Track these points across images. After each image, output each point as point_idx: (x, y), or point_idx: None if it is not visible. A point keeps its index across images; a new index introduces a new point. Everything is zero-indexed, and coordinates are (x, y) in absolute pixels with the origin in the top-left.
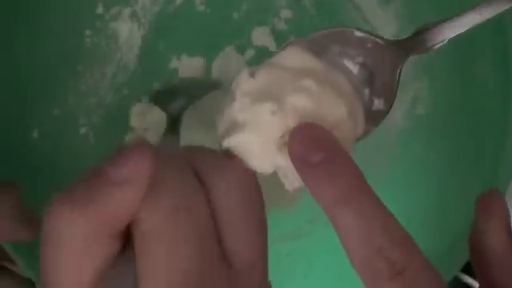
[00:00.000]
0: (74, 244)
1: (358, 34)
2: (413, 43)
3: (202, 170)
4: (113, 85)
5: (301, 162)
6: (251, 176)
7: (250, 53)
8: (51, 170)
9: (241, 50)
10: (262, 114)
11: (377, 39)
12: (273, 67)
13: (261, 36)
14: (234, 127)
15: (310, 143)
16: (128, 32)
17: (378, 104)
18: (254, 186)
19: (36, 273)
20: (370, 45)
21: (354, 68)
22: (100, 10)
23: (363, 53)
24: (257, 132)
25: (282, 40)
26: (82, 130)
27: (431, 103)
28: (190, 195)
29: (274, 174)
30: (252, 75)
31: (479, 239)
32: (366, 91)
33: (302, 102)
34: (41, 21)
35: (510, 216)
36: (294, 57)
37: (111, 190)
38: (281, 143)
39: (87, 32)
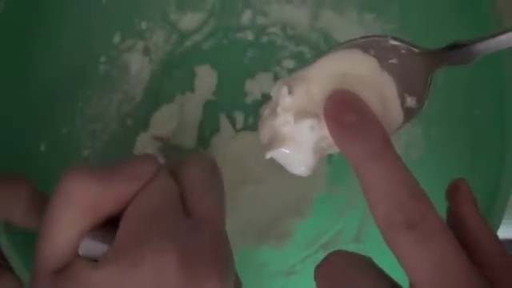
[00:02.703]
0: (81, 204)
1: (392, 42)
2: (446, 55)
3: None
4: (118, 113)
5: (334, 123)
6: (209, 164)
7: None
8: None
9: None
10: (303, 129)
11: (411, 47)
12: (309, 80)
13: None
14: (276, 139)
15: (343, 106)
16: (139, 65)
17: (411, 101)
18: (210, 168)
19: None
20: (404, 51)
21: (388, 67)
22: (117, 39)
23: (397, 57)
24: (296, 145)
25: None
26: (85, 153)
27: (425, 148)
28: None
29: (265, 217)
30: (290, 91)
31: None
32: (400, 88)
33: None
34: (58, 41)
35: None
36: (340, 59)
37: (125, 176)
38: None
39: (101, 58)
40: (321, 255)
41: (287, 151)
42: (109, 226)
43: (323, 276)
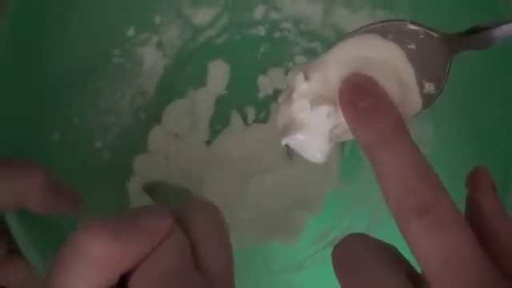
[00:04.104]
0: (98, 261)
1: (411, 26)
2: (466, 39)
3: (182, 218)
4: (131, 107)
5: (349, 106)
6: (216, 212)
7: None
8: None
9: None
10: (319, 115)
11: (430, 31)
12: (326, 66)
13: (275, 76)
14: (292, 126)
15: (359, 90)
16: (152, 59)
17: (429, 87)
18: (218, 218)
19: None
20: (422, 36)
21: (407, 52)
22: (131, 32)
23: (416, 42)
24: (312, 132)
25: None
26: (97, 145)
27: (435, 146)
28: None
29: (275, 210)
30: (306, 77)
31: (472, 208)
32: (418, 74)
33: None
34: (72, 33)
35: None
36: (358, 44)
37: (144, 234)
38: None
39: (115, 51)
40: (329, 251)
41: (302, 137)
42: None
43: (338, 259)
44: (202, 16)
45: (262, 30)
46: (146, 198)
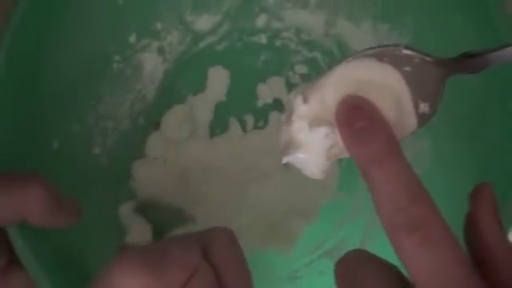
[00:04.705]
0: None
1: (405, 51)
2: (458, 64)
3: (207, 251)
4: (131, 112)
5: (345, 127)
6: (233, 239)
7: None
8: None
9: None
10: (317, 136)
11: (424, 56)
12: (324, 88)
13: (275, 85)
14: (292, 145)
15: (354, 111)
16: (152, 64)
17: (424, 107)
18: (236, 245)
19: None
20: (417, 60)
21: (403, 74)
22: (133, 39)
23: (411, 65)
24: (310, 151)
25: None
26: (96, 151)
27: (432, 160)
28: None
29: (272, 217)
30: (305, 100)
31: (471, 224)
32: (414, 95)
33: None
34: (73, 39)
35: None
36: (355, 67)
37: (176, 268)
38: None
39: (116, 57)
40: (324, 261)
41: (302, 156)
42: None
43: (341, 274)
44: (204, 23)
45: (263, 38)
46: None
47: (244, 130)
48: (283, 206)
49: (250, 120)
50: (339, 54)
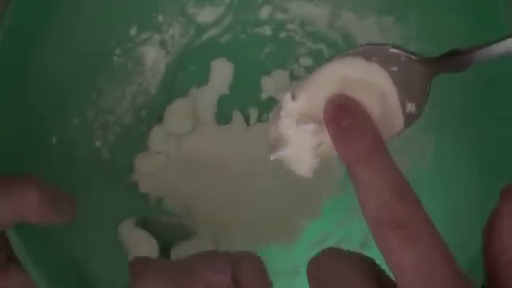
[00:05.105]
0: None
1: (392, 50)
2: (444, 62)
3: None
4: (132, 106)
5: (332, 125)
6: (261, 266)
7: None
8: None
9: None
10: (304, 133)
11: (410, 55)
12: (312, 86)
13: (279, 77)
14: (281, 141)
15: (341, 109)
16: (155, 57)
17: (411, 107)
18: (264, 271)
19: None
20: (403, 59)
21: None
22: (133, 32)
23: (398, 64)
24: (298, 148)
25: None
26: (98, 144)
27: (437, 157)
28: None
29: (274, 212)
30: (294, 97)
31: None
32: (401, 94)
33: None
34: (74, 32)
35: None
36: (343, 65)
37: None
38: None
39: (117, 51)
40: None
41: (289, 153)
42: None
43: (312, 273)
44: (206, 15)
45: (267, 30)
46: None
47: (248, 123)
48: (286, 201)
49: (253, 113)
50: (344, 45)
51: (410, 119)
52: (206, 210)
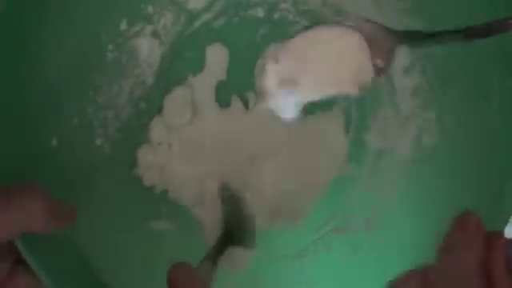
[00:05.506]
0: None
1: (367, 22)
2: (406, 37)
3: None
4: (130, 99)
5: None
6: None
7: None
8: (66, 179)
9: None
10: (284, 91)
11: (379, 25)
12: (293, 49)
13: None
14: (264, 95)
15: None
16: (148, 49)
17: (380, 63)
18: None
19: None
20: (374, 27)
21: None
22: (124, 26)
23: (369, 30)
24: (279, 101)
25: None
26: (98, 142)
27: (439, 134)
28: None
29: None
30: (276, 61)
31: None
32: (372, 52)
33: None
34: (65, 31)
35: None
36: (321, 31)
37: None
38: None
39: (109, 46)
40: (332, 238)
41: (272, 105)
42: None
43: None
44: (197, 1)
45: (260, 12)
46: None
47: (247, 108)
48: (290, 181)
49: (251, 97)
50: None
51: (378, 71)
52: (210, 197)
